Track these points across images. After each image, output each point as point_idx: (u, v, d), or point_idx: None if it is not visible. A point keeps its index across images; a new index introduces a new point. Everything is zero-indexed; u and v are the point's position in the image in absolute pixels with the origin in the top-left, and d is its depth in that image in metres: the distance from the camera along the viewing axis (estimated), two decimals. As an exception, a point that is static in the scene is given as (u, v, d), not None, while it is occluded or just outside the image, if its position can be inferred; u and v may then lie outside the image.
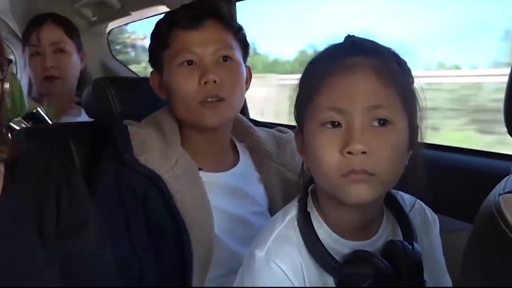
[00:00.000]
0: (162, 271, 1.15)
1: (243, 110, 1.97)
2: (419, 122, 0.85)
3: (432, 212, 0.97)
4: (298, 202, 0.89)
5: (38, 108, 1.64)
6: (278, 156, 1.32)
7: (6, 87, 0.94)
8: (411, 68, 0.86)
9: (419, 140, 0.86)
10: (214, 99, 1.18)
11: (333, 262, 0.83)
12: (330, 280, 0.84)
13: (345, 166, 0.79)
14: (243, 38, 1.27)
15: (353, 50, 0.83)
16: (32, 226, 0.92)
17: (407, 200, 0.93)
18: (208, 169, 1.23)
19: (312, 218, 0.86)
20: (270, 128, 1.41)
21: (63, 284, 0.93)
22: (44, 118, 1.63)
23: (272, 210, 1.27)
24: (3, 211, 0.91)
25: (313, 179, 0.90)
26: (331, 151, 0.80)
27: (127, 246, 1.13)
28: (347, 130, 0.79)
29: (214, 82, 1.17)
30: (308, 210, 0.87)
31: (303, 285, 0.84)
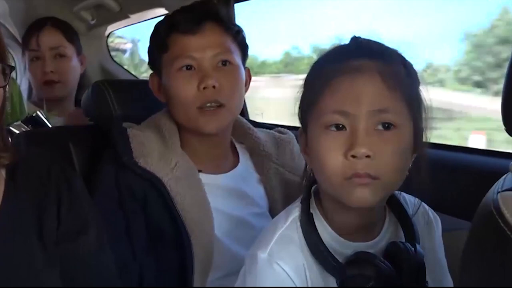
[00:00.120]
0: (162, 274, 1.15)
1: (243, 112, 1.97)
2: (424, 125, 0.84)
3: (434, 213, 0.97)
4: (301, 203, 0.88)
5: (38, 112, 1.64)
6: (278, 157, 1.32)
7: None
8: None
9: (423, 144, 0.85)
10: (213, 105, 1.17)
11: (335, 263, 0.82)
12: (332, 281, 0.83)
13: (349, 170, 0.78)
14: (242, 41, 1.26)
15: (359, 52, 0.82)
16: (32, 230, 0.92)
17: (410, 202, 0.93)
18: (208, 171, 1.23)
19: (314, 219, 0.86)
20: (270, 129, 1.41)
21: (63, 286, 0.93)
22: (43, 121, 1.63)
23: (272, 211, 1.27)
24: (5, 216, 0.91)
25: (316, 180, 0.89)
26: (335, 154, 0.79)
27: (127, 249, 1.13)
28: (351, 133, 0.79)
29: (213, 87, 1.16)
30: (311, 211, 0.87)
31: (305, 286, 0.84)
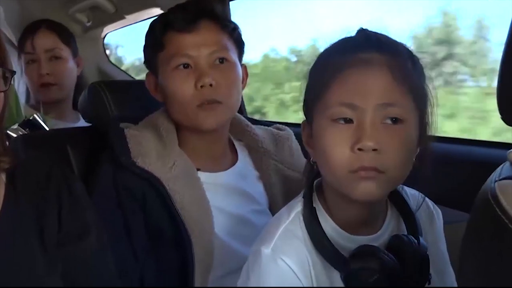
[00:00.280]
0: (163, 273, 1.15)
1: (241, 109, 1.97)
2: (429, 120, 0.84)
3: (435, 206, 0.97)
4: (303, 197, 0.88)
5: (35, 115, 1.63)
6: (277, 153, 1.32)
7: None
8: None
9: (428, 138, 0.84)
10: (211, 102, 1.16)
11: (339, 257, 0.82)
12: (336, 275, 0.83)
13: (355, 163, 0.78)
14: (238, 38, 1.26)
15: (368, 45, 0.81)
16: (33, 233, 0.92)
17: (411, 195, 0.92)
18: (207, 169, 1.22)
19: (317, 213, 0.86)
20: (268, 126, 1.40)
21: None
22: (41, 124, 1.63)
23: (272, 208, 1.27)
24: (5, 219, 0.91)
25: (317, 174, 0.89)
26: (341, 147, 0.79)
27: (127, 250, 1.13)
28: (358, 126, 0.78)
29: (211, 85, 1.16)
30: (314, 206, 0.86)
31: (310, 280, 0.84)
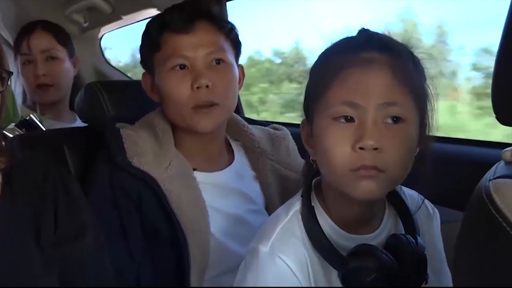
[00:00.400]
0: (159, 273, 1.14)
1: (238, 109, 1.97)
2: (429, 120, 0.84)
3: (432, 205, 0.97)
4: (302, 196, 0.88)
5: (31, 115, 1.63)
6: (274, 153, 1.31)
7: None
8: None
9: (427, 137, 0.84)
10: (207, 104, 1.16)
11: (337, 256, 0.82)
12: (334, 274, 0.83)
13: (356, 161, 0.78)
14: (235, 38, 1.25)
15: (369, 44, 0.82)
16: (30, 234, 0.92)
17: (409, 195, 0.93)
18: (203, 169, 1.22)
19: (316, 212, 0.86)
20: (265, 125, 1.40)
21: None
22: (37, 125, 1.63)
23: (268, 208, 1.27)
24: (1, 220, 0.91)
25: (316, 173, 0.89)
26: (342, 145, 0.79)
27: (124, 250, 1.12)
28: (360, 125, 0.79)
29: (207, 86, 1.15)
30: (312, 204, 0.86)
31: (307, 279, 0.84)
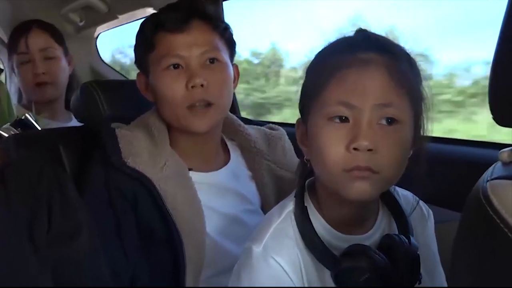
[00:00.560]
0: (154, 274, 1.14)
1: (234, 109, 1.97)
2: (424, 122, 0.84)
3: (426, 206, 0.97)
4: (295, 196, 0.88)
5: (27, 115, 1.63)
6: (270, 153, 1.32)
7: None
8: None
9: (421, 139, 0.84)
10: (202, 104, 1.16)
11: (330, 256, 0.82)
12: (327, 274, 0.83)
13: (350, 162, 0.78)
14: (229, 38, 1.25)
15: (366, 45, 0.81)
16: (24, 234, 0.91)
17: (403, 196, 0.93)
18: (198, 169, 1.22)
19: (309, 213, 0.86)
20: (261, 125, 1.40)
21: None
22: (33, 124, 1.62)
23: (264, 208, 1.27)
24: None
25: (309, 173, 0.89)
26: (337, 146, 0.79)
27: (119, 250, 1.12)
28: (354, 126, 0.79)
29: (202, 86, 1.15)
30: (305, 205, 0.86)
31: (300, 279, 0.84)
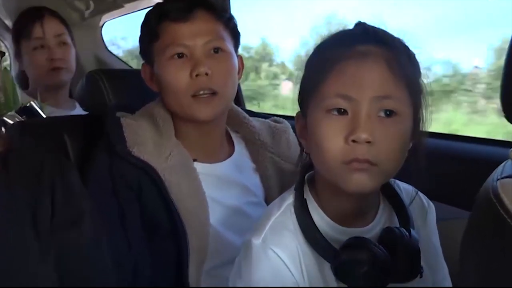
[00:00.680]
0: (158, 264, 1.15)
1: (239, 101, 1.97)
2: (423, 115, 0.84)
3: (427, 199, 0.97)
4: (295, 189, 0.88)
5: (32, 102, 1.63)
6: (274, 146, 1.32)
7: None
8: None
9: (421, 131, 0.85)
10: (207, 92, 1.16)
11: (330, 249, 0.82)
12: (327, 267, 0.83)
13: (348, 154, 0.78)
14: (234, 28, 1.25)
15: (365, 37, 0.82)
16: (26, 220, 0.92)
17: (404, 189, 0.93)
18: (203, 160, 1.22)
19: (308, 206, 0.86)
20: (266, 118, 1.40)
21: (57, 278, 0.92)
22: (37, 111, 1.62)
23: (268, 200, 1.27)
24: None
25: (309, 167, 0.89)
26: (335, 138, 0.79)
27: (122, 239, 1.12)
28: (353, 118, 0.79)
29: (206, 74, 1.15)
30: (305, 198, 0.87)
31: (300, 271, 0.84)
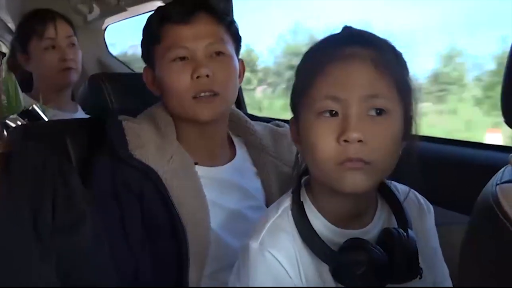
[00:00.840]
0: (158, 267, 1.15)
1: (240, 105, 1.97)
2: (414, 113, 0.85)
3: (426, 200, 0.97)
4: (292, 193, 0.89)
5: (34, 105, 1.64)
6: (275, 150, 1.32)
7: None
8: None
9: (413, 131, 0.86)
10: (208, 94, 1.17)
11: (327, 251, 0.83)
12: (325, 269, 0.84)
13: (341, 155, 0.79)
14: (235, 31, 1.26)
15: (351, 40, 0.83)
16: (27, 222, 0.92)
17: (401, 190, 0.93)
18: (204, 163, 1.22)
19: (306, 209, 0.87)
20: (267, 122, 1.41)
21: (58, 280, 0.92)
22: (39, 115, 1.63)
23: (269, 204, 1.24)
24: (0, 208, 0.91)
25: (307, 171, 0.90)
26: (327, 139, 0.80)
27: (123, 242, 1.13)
28: (343, 118, 0.79)
29: (207, 76, 1.16)
30: (302, 200, 0.87)
31: (298, 273, 0.84)
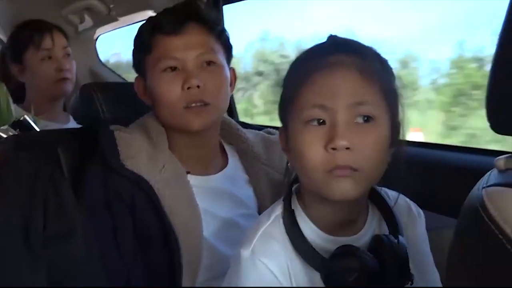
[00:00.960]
0: (150, 276, 1.14)
1: (232, 113, 1.97)
2: (401, 120, 0.86)
3: (416, 206, 0.98)
4: (283, 200, 0.89)
5: (25, 116, 1.63)
6: (267, 158, 1.32)
7: None
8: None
9: (401, 137, 0.86)
10: (199, 104, 1.17)
11: (318, 258, 0.83)
12: (316, 276, 0.84)
13: (329, 162, 0.79)
14: (226, 40, 1.26)
15: (336, 48, 0.84)
16: (18, 231, 0.91)
17: (392, 196, 0.94)
18: (196, 172, 1.22)
19: (297, 216, 0.87)
20: (259, 130, 1.41)
21: None
22: (31, 125, 1.62)
23: (261, 212, 1.24)
24: None
25: (297, 179, 0.90)
26: (315, 148, 0.80)
27: (114, 251, 1.12)
28: (331, 126, 0.80)
29: (198, 87, 1.16)
30: (293, 208, 0.88)
31: (289, 282, 0.84)
